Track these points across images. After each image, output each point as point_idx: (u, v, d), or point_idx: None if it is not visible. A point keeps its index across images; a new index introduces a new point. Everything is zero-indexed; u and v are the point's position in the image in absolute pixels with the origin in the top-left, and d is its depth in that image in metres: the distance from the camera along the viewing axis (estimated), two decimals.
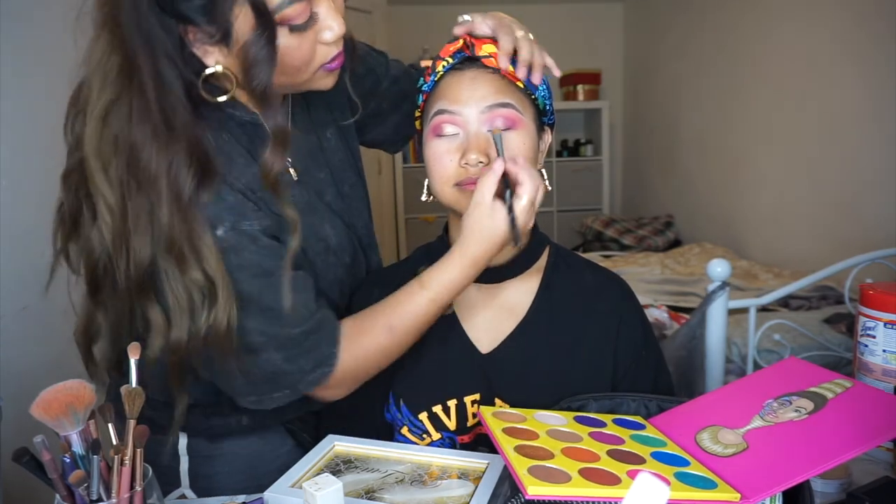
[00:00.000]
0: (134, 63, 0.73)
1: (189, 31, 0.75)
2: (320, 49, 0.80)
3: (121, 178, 0.74)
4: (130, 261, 0.76)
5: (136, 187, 0.74)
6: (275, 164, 0.79)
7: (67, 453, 0.63)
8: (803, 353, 1.92)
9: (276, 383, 0.85)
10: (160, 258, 0.76)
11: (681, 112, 4.05)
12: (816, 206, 2.84)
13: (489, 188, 0.81)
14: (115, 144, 0.74)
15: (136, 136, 0.73)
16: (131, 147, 0.73)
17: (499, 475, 0.78)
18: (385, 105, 1.10)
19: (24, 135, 1.36)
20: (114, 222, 0.75)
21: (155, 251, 0.75)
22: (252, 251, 0.80)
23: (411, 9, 4.61)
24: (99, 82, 0.74)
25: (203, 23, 0.73)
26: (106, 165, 0.74)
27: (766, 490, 0.64)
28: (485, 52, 0.88)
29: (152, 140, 0.73)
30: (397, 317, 0.87)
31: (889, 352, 1.05)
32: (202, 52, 0.77)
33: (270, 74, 0.75)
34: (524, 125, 0.88)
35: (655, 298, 2.49)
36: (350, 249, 0.98)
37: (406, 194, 4.49)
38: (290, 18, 0.75)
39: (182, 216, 0.75)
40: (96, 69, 0.74)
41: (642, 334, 0.97)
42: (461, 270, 0.85)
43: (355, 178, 1.03)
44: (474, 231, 0.82)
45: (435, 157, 0.89)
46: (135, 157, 0.73)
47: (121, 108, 0.73)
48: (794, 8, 2.93)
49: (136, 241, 0.75)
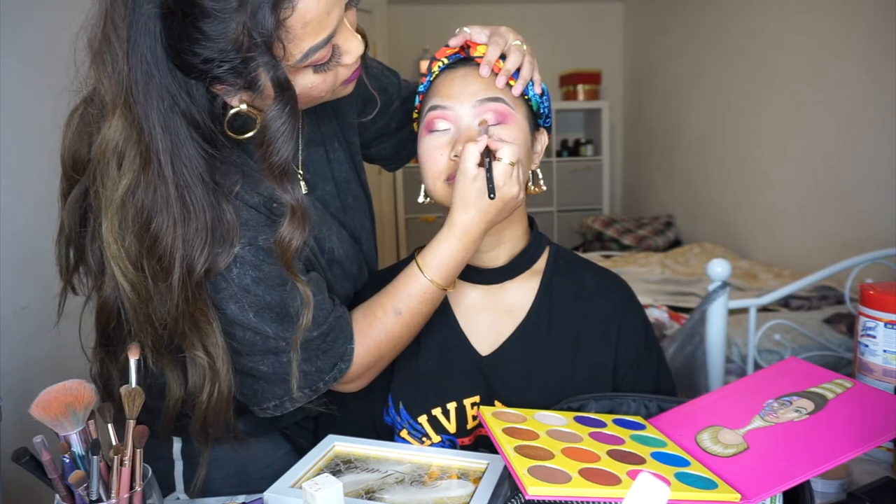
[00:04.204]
0: (151, 147, 0.71)
1: (215, 85, 0.73)
2: (341, 71, 0.79)
3: (140, 258, 0.75)
4: (157, 325, 0.78)
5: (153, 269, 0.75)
6: (293, 239, 0.77)
7: (67, 453, 0.63)
8: (803, 353, 1.92)
9: (296, 384, 0.85)
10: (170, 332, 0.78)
11: (681, 112, 4.05)
12: (816, 206, 2.84)
13: (472, 156, 0.81)
14: (134, 233, 0.73)
15: (155, 224, 0.73)
16: (150, 236, 0.73)
17: (499, 475, 0.78)
18: (393, 124, 1.10)
19: (24, 135, 1.36)
20: (137, 298, 0.76)
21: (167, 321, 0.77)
22: (269, 263, 0.81)
23: (411, 9, 4.61)
24: (114, 168, 0.72)
25: (231, 79, 0.70)
26: (128, 251, 0.74)
27: (766, 490, 0.64)
28: (479, 53, 0.89)
29: (169, 228, 0.73)
30: (402, 301, 0.87)
31: (889, 352, 1.05)
32: (229, 97, 0.75)
33: (291, 150, 0.73)
34: (515, 121, 0.88)
35: (655, 298, 2.49)
36: (356, 261, 0.98)
37: (406, 194, 4.50)
38: (315, 63, 0.74)
39: (187, 297, 0.75)
40: (112, 154, 0.72)
41: (643, 336, 0.96)
42: (453, 242, 0.85)
43: (359, 190, 1.03)
44: (458, 199, 0.83)
45: (426, 153, 0.89)
46: (154, 244, 0.73)
47: (138, 195, 0.72)
48: (794, 8, 2.93)
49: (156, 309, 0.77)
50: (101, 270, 0.81)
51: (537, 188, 0.97)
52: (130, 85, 0.69)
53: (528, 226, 0.99)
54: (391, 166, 1.20)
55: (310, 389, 0.86)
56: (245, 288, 0.79)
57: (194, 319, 0.77)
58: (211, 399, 0.81)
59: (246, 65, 0.68)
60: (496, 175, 0.81)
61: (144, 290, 0.76)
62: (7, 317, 1.30)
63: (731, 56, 3.45)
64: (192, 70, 0.69)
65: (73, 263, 0.85)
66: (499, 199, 0.82)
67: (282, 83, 0.69)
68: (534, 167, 0.95)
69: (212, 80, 0.71)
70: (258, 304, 0.80)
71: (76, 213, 0.82)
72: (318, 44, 0.71)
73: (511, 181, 0.82)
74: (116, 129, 0.71)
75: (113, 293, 0.80)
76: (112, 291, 0.80)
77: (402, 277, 0.88)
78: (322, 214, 0.93)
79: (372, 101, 1.02)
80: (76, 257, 0.84)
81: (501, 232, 0.93)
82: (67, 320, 0.87)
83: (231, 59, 0.67)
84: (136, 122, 0.70)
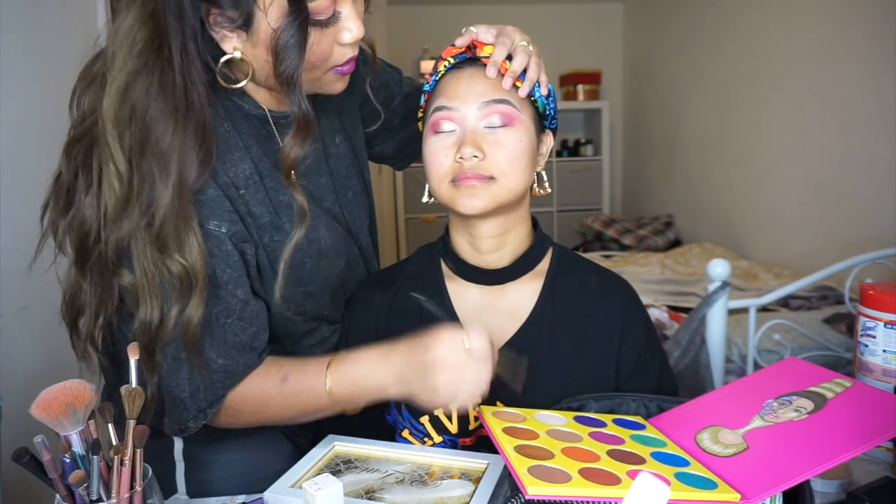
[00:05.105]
0: (163, 36, 0.73)
1: (211, 13, 0.75)
2: (336, 49, 0.81)
3: (132, 149, 0.74)
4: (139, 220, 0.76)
5: (145, 160, 0.74)
6: (293, 149, 0.79)
7: (67, 453, 0.63)
8: (803, 353, 1.92)
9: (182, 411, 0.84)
10: (138, 233, 0.75)
11: (681, 112, 4.05)
12: (816, 206, 2.84)
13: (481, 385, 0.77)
14: (132, 115, 0.74)
15: (155, 109, 0.73)
16: (148, 120, 0.74)
17: (499, 475, 0.78)
18: (396, 120, 1.10)
19: (24, 135, 1.36)
20: (120, 190, 0.75)
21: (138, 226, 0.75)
22: (213, 255, 0.80)
23: (411, 9, 4.61)
24: (124, 53, 0.74)
25: (228, 6, 0.73)
26: (122, 134, 0.74)
27: (766, 490, 0.64)
28: (486, 53, 0.89)
29: (170, 115, 0.74)
30: (296, 373, 0.85)
31: (889, 352, 1.05)
32: (220, 37, 0.77)
33: (300, 60, 0.75)
34: (521, 123, 0.88)
35: (655, 298, 2.49)
36: (345, 254, 0.98)
37: (406, 194, 4.50)
38: (315, 12, 0.75)
39: (180, 200, 0.75)
40: (123, 40, 0.74)
41: (646, 337, 0.96)
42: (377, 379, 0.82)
43: (360, 187, 1.03)
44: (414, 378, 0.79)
45: (432, 154, 0.89)
46: (150, 129, 0.74)
47: (143, 81, 0.74)
48: (794, 8, 2.93)
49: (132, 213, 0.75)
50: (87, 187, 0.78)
51: (542, 190, 0.96)
52: None
53: (531, 227, 0.98)
54: (398, 165, 1.20)
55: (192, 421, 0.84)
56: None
57: (185, 222, 0.75)
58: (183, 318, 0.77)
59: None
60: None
61: (128, 184, 0.74)
62: (7, 317, 1.30)
63: (731, 56, 3.45)
64: None
65: (61, 209, 0.82)
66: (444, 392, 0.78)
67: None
68: (539, 169, 0.94)
69: (210, 2, 0.73)
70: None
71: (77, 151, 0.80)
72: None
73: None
74: (133, 16, 0.73)
75: (94, 208, 0.78)
76: (93, 206, 0.78)
77: (315, 361, 0.86)
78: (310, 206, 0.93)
79: (376, 111, 1.02)
80: (64, 202, 0.82)
81: (505, 233, 0.93)
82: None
83: None
84: (154, 10, 0.72)
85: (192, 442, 0.94)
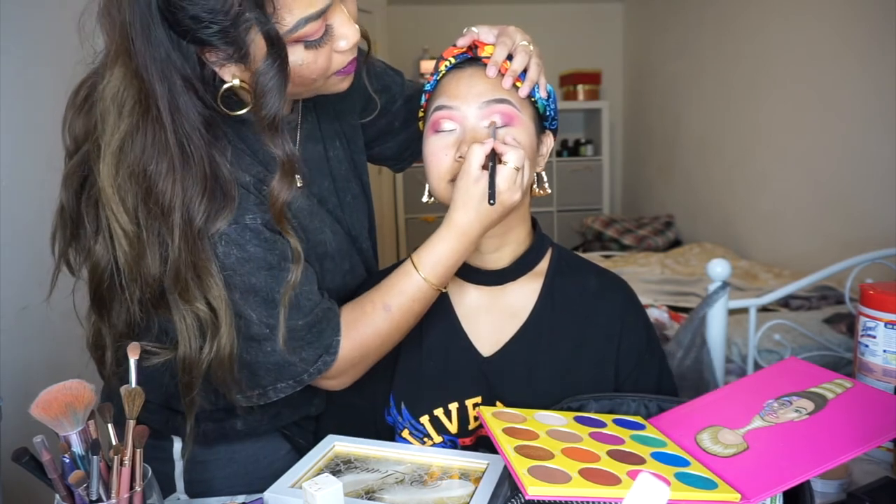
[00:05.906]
0: (150, 95, 0.72)
1: (206, 51, 0.74)
2: (335, 57, 0.80)
3: (136, 208, 0.74)
4: (144, 283, 0.77)
5: (150, 217, 0.75)
6: (282, 192, 0.78)
7: (67, 453, 0.63)
8: (803, 353, 1.92)
9: (279, 374, 0.85)
10: (167, 287, 0.77)
11: (681, 112, 4.05)
12: (816, 206, 2.84)
13: (477, 158, 0.81)
14: (131, 176, 0.74)
15: (152, 169, 0.73)
16: (147, 179, 0.73)
17: (499, 475, 0.78)
18: (397, 123, 1.10)
19: (24, 135, 1.36)
20: (131, 250, 0.76)
21: (162, 277, 0.76)
22: (255, 244, 0.80)
23: (411, 9, 4.61)
24: (114, 116, 0.73)
25: (220, 45, 0.72)
26: (123, 197, 0.74)
27: (766, 490, 0.64)
28: (487, 53, 0.89)
29: (168, 173, 0.73)
30: (393, 298, 0.86)
31: (889, 352, 1.05)
32: (219, 68, 0.76)
33: (280, 104, 0.74)
34: (522, 123, 0.88)
35: (655, 298, 2.49)
36: (349, 257, 0.98)
37: (406, 194, 4.50)
38: (306, 36, 0.74)
39: (189, 247, 0.75)
40: (111, 102, 0.73)
41: (645, 337, 0.96)
42: (451, 241, 0.84)
43: (358, 189, 1.03)
44: (459, 199, 0.83)
45: (432, 153, 0.89)
46: (150, 189, 0.73)
47: (137, 141, 0.73)
48: (794, 8, 2.93)
49: (149, 266, 0.76)
50: (95, 230, 0.80)
51: (542, 190, 0.96)
52: (132, 36, 0.70)
53: (531, 227, 0.98)
54: (397, 166, 1.19)
55: (293, 381, 0.85)
56: (229, 267, 0.79)
57: (197, 269, 0.76)
58: (216, 354, 0.78)
59: (236, 27, 0.69)
60: (499, 180, 0.80)
61: (138, 242, 0.75)
62: (7, 317, 1.30)
63: (731, 56, 3.45)
64: (181, 26, 0.70)
65: (69, 238, 0.83)
66: (499, 205, 0.82)
67: (273, 38, 0.70)
68: (539, 170, 0.94)
69: (201, 43, 0.72)
70: (243, 286, 0.79)
71: (75, 181, 0.80)
72: (310, 15, 0.72)
73: (514, 187, 0.82)
74: (118, 77, 0.73)
75: (105, 253, 0.79)
76: (104, 251, 0.79)
77: (395, 274, 0.88)
78: (313, 207, 0.93)
79: (372, 102, 1.02)
80: (71, 231, 0.83)
81: (505, 234, 0.93)
82: (66, 320, 0.87)
83: (220, 20, 0.68)
84: (136, 70, 0.71)
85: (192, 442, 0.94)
